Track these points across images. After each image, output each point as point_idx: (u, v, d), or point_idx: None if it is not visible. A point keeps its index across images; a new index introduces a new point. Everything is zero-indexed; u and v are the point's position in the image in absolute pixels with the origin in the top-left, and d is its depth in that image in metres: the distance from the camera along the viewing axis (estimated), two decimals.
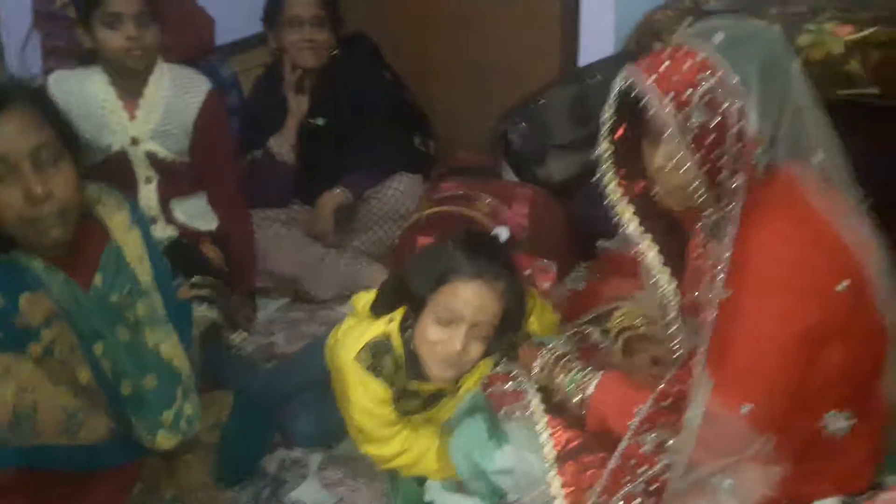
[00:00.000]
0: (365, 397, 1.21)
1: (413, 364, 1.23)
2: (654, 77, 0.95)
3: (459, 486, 1.26)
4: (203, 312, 1.52)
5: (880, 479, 1.11)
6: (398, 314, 1.24)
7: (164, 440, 1.22)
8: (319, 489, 1.38)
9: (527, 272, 1.60)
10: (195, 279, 1.56)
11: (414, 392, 1.26)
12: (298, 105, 2.01)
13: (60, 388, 1.11)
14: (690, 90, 0.93)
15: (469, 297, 1.16)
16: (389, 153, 2.03)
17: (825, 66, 1.66)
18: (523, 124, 1.92)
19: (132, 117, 1.70)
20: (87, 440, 1.15)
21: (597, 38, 1.95)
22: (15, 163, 1.04)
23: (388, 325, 1.23)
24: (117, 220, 1.26)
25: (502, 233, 1.42)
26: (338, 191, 1.96)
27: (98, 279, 1.20)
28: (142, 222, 1.33)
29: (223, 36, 2.39)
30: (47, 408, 1.10)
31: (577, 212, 1.80)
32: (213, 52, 2.29)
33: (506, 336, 1.23)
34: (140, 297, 1.25)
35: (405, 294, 1.23)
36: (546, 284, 1.61)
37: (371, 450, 1.26)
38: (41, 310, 1.10)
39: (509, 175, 1.96)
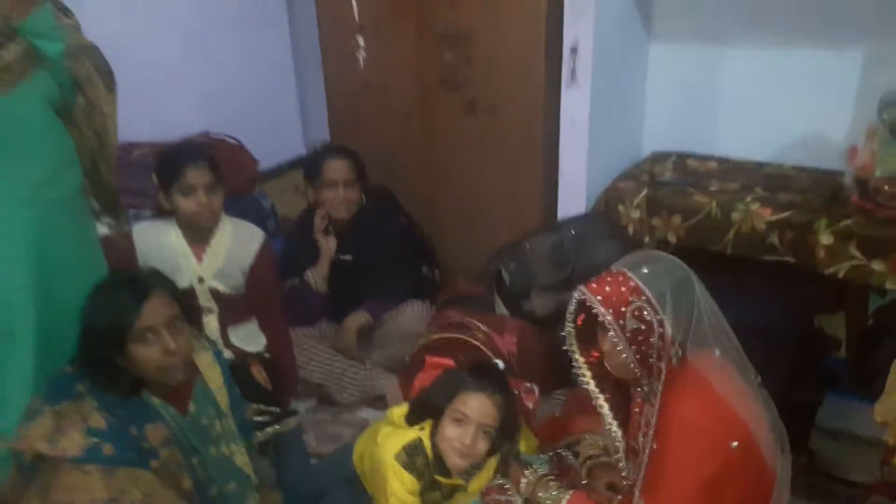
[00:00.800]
0: (400, 488, 1.60)
1: (438, 463, 1.63)
2: (600, 298, 1.37)
3: None
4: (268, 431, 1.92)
5: None
6: (427, 424, 1.64)
7: None
8: None
9: (515, 392, 2.01)
10: (255, 407, 1.94)
11: (437, 485, 1.65)
12: (329, 245, 2.43)
13: (171, 493, 1.48)
14: (624, 307, 1.35)
15: (475, 405, 1.58)
16: (403, 283, 2.43)
17: (752, 236, 2.08)
18: (512, 265, 2.33)
19: (200, 261, 2.03)
20: None
21: (572, 198, 2.35)
22: (157, 330, 1.44)
23: (420, 432, 1.64)
24: (204, 359, 1.65)
25: (500, 364, 1.86)
26: (361, 314, 2.36)
27: (192, 407, 1.58)
28: (220, 359, 1.73)
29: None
30: None
31: (556, 343, 2.19)
32: (256, 186, 2.73)
33: (503, 440, 1.63)
34: (221, 418, 1.65)
35: (430, 407, 1.64)
36: (530, 404, 2.00)
37: None
38: (160, 435, 1.48)
39: (500, 308, 2.36)
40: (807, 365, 2.04)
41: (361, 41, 2.59)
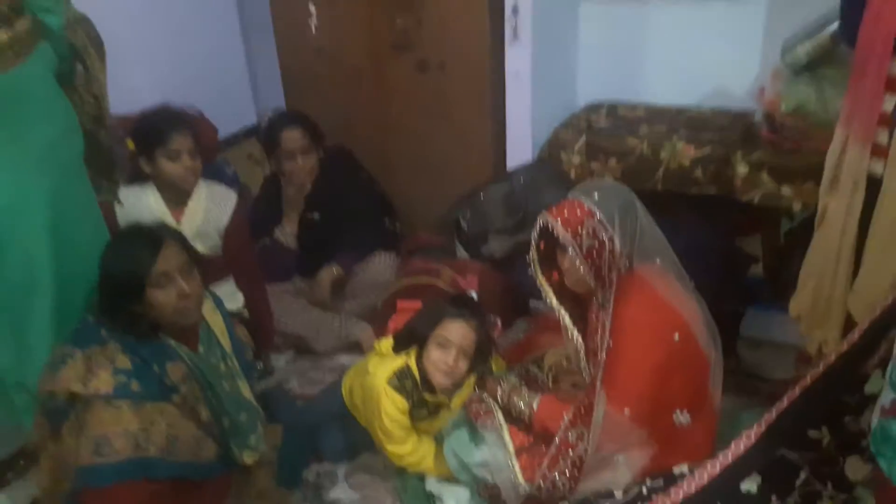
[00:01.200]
0: (392, 408, 1.81)
1: (425, 383, 1.85)
2: (559, 220, 1.60)
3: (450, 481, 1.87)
4: None
5: None
6: (413, 352, 1.86)
7: (249, 457, 1.78)
8: (348, 490, 1.94)
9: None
10: None
11: (424, 403, 1.87)
12: (296, 204, 2.59)
13: (191, 423, 1.65)
14: (580, 227, 1.59)
15: (456, 329, 1.81)
16: (369, 236, 2.61)
17: (679, 172, 2.36)
18: (469, 213, 2.55)
19: (178, 222, 2.16)
20: (205, 459, 1.68)
21: (519, 148, 2.58)
22: (172, 275, 1.60)
23: (407, 358, 1.86)
24: (206, 305, 1.82)
25: (473, 294, 2.09)
26: (332, 267, 2.54)
27: (200, 348, 1.75)
28: (221, 306, 1.90)
29: None
30: (184, 437, 1.63)
31: (513, 280, 2.44)
32: (217, 154, 2.85)
33: (480, 359, 1.87)
34: (226, 358, 1.82)
35: (415, 336, 1.86)
36: (494, 334, 2.25)
37: (391, 448, 1.86)
38: (179, 372, 1.64)
39: (461, 252, 2.58)
40: (730, 280, 2.34)
41: (313, 8, 2.72)
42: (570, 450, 1.66)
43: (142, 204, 2.16)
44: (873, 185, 1.68)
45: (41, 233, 1.66)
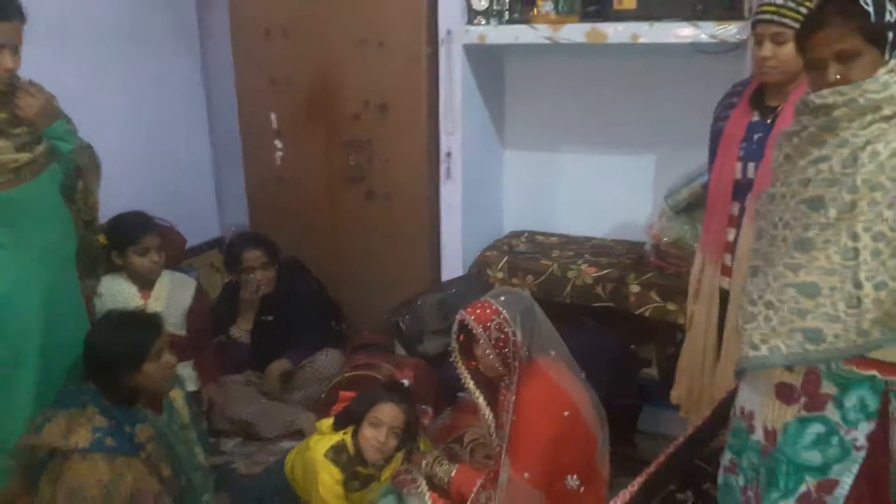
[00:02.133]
0: (328, 478, 2.08)
1: (358, 457, 2.14)
2: (473, 317, 1.99)
3: None
4: None
5: None
6: (349, 430, 2.16)
7: None
8: None
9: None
10: None
11: (357, 475, 2.15)
12: (252, 305, 2.94)
13: (153, 479, 1.90)
14: (489, 323, 1.98)
15: (387, 411, 2.12)
16: (317, 334, 2.95)
17: (584, 289, 2.80)
18: (408, 316, 2.92)
19: (145, 304, 2.52)
20: None
21: (452, 264, 3.01)
22: (164, 351, 1.91)
23: (344, 435, 2.15)
24: None
25: (406, 382, 2.43)
26: (282, 361, 2.85)
27: (165, 415, 2.04)
28: (181, 383, 2.19)
29: None
30: (147, 490, 1.87)
31: (444, 375, 2.78)
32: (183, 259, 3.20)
33: (407, 438, 2.17)
34: (185, 428, 2.10)
35: (352, 415, 2.16)
36: (426, 421, 2.56)
37: None
38: (146, 434, 1.91)
39: (399, 350, 2.93)
40: (624, 378, 2.73)
41: (279, 143, 3.20)
42: None
43: (114, 288, 2.51)
44: (724, 297, 2.16)
45: (34, 316, 1.96)
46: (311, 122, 3.13)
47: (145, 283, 2.53)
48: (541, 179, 3.28)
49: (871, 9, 1.38)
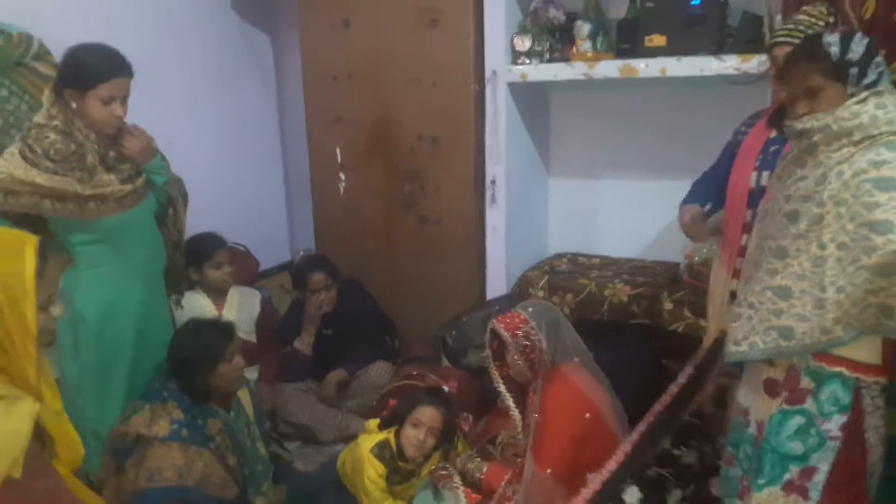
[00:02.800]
0: (373, 471, 2.32)
1: (400, 454, 2.37)
2: (502, 325, 2.22)
3: None
4: None
5: None
6: (393, 430, 2.40)
7: (261, 502, 2.30)
8: None
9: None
10: None
11: (399, 470, 2.38)
12: (315, 321, 3.24)
13: (220, 467, 2.17)
14: (518, 331, 2.20)
15: (427, 413, 2.34)
16: (371, 348, 3.21)
17: (620, 306, 2.98)
18: (454, 332, 3.16)
19: (220, 313, 2.86)
20: (227, 497, 2.20)
21: (496, 284, 3.23)
22: (236, 354, 2.21)
23: (388, 434, 2.39)
24: None
25: (446, 388, 2.65)
26: (339, 371, 3.13)
27: (233, 412, 2.33)
28: (248, 385, 2.49)
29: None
30: (215, 477, 2.15)
31: (484, 385, 2.99)
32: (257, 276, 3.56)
33: (445, 438, 2.39)
34: (249, 424, 2.38)
35: (396, 417, 2.40)
36: (466, 427, 2.77)
37: None
38: (216, 427, 2.20)
39: (445, 363, 3.16)
40: (655, 390, 2.86)
41: (343, 176, 3.52)
42: (506, 502, 2.15)
43: (193, 302, 2.84)
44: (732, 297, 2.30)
45: (130, 323, 2.30)
46: (370, 155, 3.44)
47: (218, 296, 2.87)
48: (584, 204, 3.47)
49: (835, 49, 1.56)
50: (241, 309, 2.89)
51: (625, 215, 3.37)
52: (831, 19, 2.00)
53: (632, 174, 3.34)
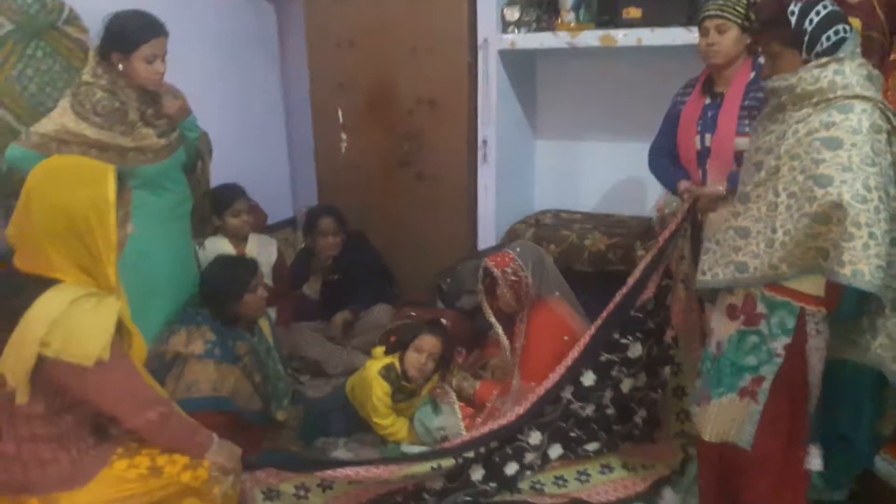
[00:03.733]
0: (380, 390, 2.65)
1: (404, 376, 2.70)
2: (493, 263, 2.54)
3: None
4: None
5: None
6: (397, 355, 2.73)
7: (281, 415, 2.62)
8: (346, 452, 2.74)
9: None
10: None
11: (402, 390, 2.71)
12: (323, 267, 3.55)
13: (248, 383, 2.49)
14: (507, 267, 2.52)
15: (428, 340, 2.66)
16: (373, 292, 3.53)
17: (598, 255, 3.32)
18: (448, 279, 3.49)
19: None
20: (254, 409, 2.52)
21: (486, 236, 3.56)
22: (260, 286, 2.52)
23: (393, 359, 2.72)
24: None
25: (444, 321, 2.98)
26: (345, 312, 3.45)
27: (256, 337, 2.65)
28: (268, 316, 2.81)
29: None
30: (243, 391, 2.47)
31: (476, 324, 3.33)
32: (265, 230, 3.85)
33: (443, 363, 2.72)
34: (270, 349, 2.71)
35: (401, 343, 2.73)
36: (460, 360, 3.11)
37: (377, 420, 2.66)
38: (244, 349, 2.52)
39: (440, 305, 3.50)
40: None
41: (344, 136, 3.81)
42: (496, 413, 2.49)
43: (216, 246, 3.12)
44: None
45: (165, 258, 2.60)
46: (371, 117, 3.73)
47: (239, 242, 3.17)
48: (568, 165, 3.79)
49: (793, 18, 1.83)
50: (259, 254, 3.17)
51: (604, 174, 3.69)
52: None
53: (611, 137, 3.65)
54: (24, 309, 1.56)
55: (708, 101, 2.46)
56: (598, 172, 3.72)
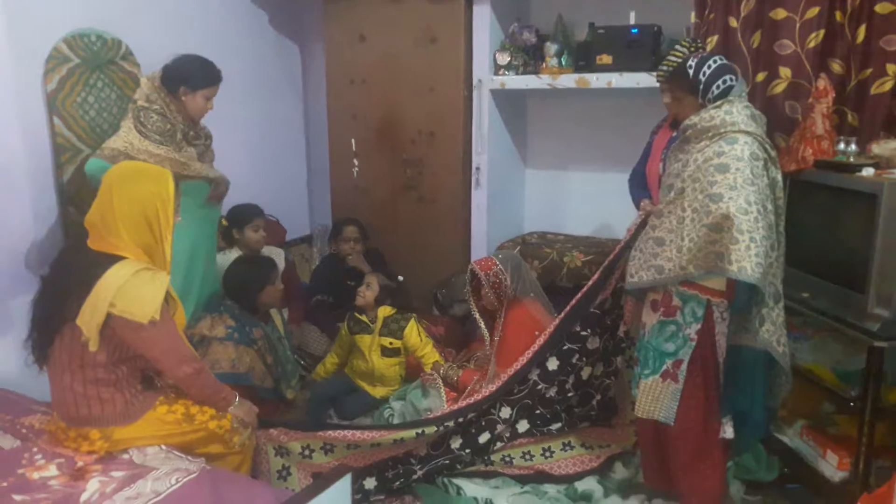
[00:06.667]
0: (343, 329, 3.10)
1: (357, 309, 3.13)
2: (478, 266, 2.97)
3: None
4: None
5: None
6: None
7: (290, 394, 3.05)
8: None
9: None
10: None
11: (356, 321, 3.19)
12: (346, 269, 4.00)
13: (261, 363, 2.93)
14: (490, 271, 2.95)
15: (369, 280, 3.27)
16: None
17: (576, 270, 3.73)
18: (443, 290, 3.92)
19: None
20: (266, 385, 2.94)
21: (479, 252, 4.00)
22: (278, 279, 2.98)
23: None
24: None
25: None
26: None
27: (269, 325, 3.09)
28: (280, 311, 3.26)
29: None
30: (258, 369, 2.89)
31: (466, 329, 3.75)
32: (284, 244, 4.31)
33: (384, 296, 3.32)
34: (281, 337, 3.14)
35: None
36: (450, 359, 3.51)
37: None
38: (259, 334, 2.95)
39: (435, 313, 3.92)
40: None
41: (356, 162, 4.30)
42: (475, 394, 2.89)
43: (231, 258, 3.56)
44: None
45: (201, 259, 3.06)
46: (379, 146, 4.21)
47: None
48: (554, 192, 4.25)
49: (691, 70, 2.31)
50: None
51: (588, 201, 4.13)
52: (699, 49, 2.66)
53: (591, 167, 4.11)
54: (98, 278, 2.01)
55: (674, 133, 2.89)
56: (581, 199, 4.16)
